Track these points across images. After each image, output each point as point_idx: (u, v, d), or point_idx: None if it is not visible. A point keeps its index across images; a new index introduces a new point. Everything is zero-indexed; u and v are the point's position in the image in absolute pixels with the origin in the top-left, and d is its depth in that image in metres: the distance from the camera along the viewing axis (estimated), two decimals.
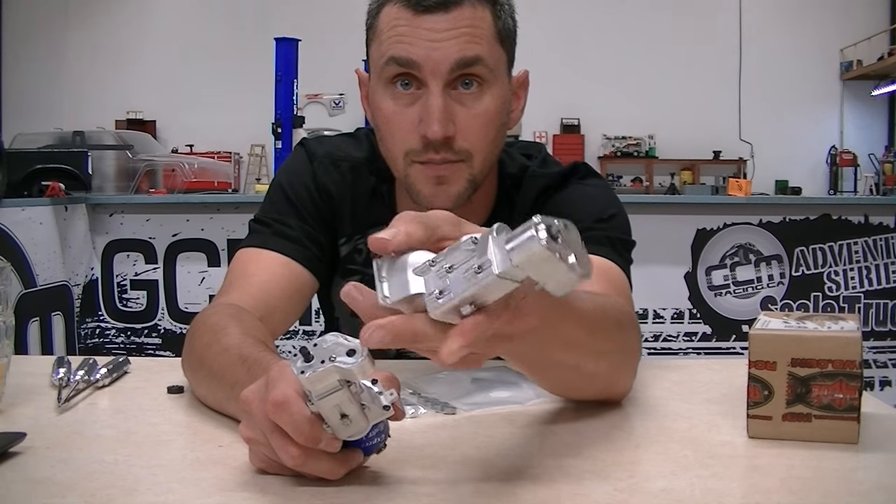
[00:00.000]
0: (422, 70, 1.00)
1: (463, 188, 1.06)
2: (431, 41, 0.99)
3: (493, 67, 1.03)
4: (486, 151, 1.05)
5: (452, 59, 0.99)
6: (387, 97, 1.04)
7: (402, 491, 0.66)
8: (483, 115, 1.03)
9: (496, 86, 1.04)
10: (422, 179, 1.05)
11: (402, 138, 1.04)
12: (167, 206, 3.97)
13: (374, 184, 1.19)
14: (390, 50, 1.01)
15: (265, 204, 1.19)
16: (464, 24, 1.00)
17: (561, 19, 10.03)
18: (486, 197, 1.16)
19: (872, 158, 9.95)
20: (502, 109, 1.06)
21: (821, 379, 0.75)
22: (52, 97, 10.28)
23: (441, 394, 0.92)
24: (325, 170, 1.19)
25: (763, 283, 3.74)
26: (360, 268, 1.21)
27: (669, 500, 0.64)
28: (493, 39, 1.03)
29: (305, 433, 0.62)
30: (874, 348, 3.70)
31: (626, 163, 10.34)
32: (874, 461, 0.74)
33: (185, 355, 0.97)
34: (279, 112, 4.88)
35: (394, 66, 1.02)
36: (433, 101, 1.00)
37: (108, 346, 3.86)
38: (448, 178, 1.04)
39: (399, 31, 1.01)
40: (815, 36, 10.16)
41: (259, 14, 9.94)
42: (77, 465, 0.72)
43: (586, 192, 1.16)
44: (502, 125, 1.08)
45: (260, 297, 1.05)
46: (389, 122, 1.05)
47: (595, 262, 1.03)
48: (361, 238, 1.20)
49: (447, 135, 1.01)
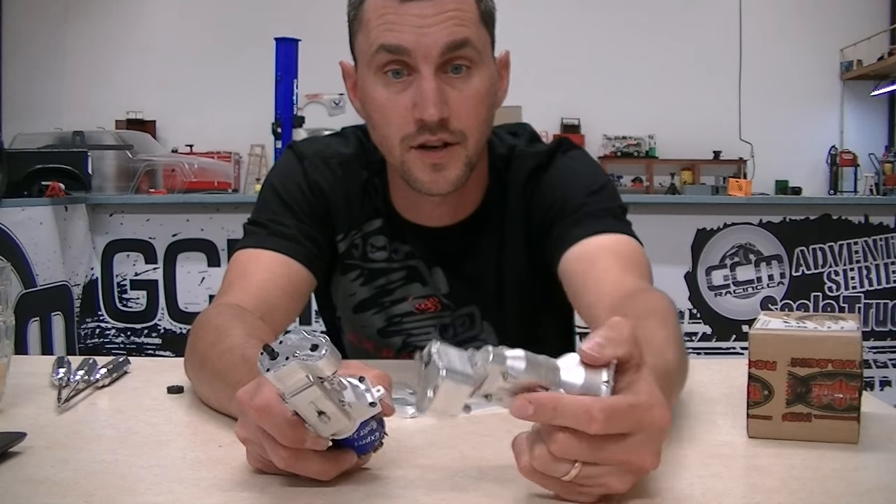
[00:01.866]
0: (412, 56, 1.01)
1: (461, 172, 1.07)
2: (420, 27, 1.00)
3: (480, 49, 1.05)
4: (479, 131, 1.07)
5: (442, 42, 1.01)
6: (378, 86, 1.05)
7: (402, 491, 0.66)
8: (474, 96, 1.05)
9: (483, 67, 1.06)
10: (419, 166, 1.06)
11: (397, 125, 1.05)
12: (167, 206, 3.97)
13: (366, 178, 1.20)
14: (380, 38, 1.02)
15: (259, 206, 1.19)
16: (450, 9, 1.01)
17: (561, 19, 10.03)
18: (478, 180, 1.17)
19: (872, 158, 9.95)
20: (491, 90, 1.08)
21: (821, 379, 0.75)
22: (52, 97, 10.27)
23: None
24: (316, 168, 1.20)
25: (763, 283, 3.74)
26: (359, 262, 1.21)
27: (669, 500, 0.64)
28: (478, 22, 1.05)
29: (288, 435, 0.63)
30: (874, 348, 3.70)
31: (626, 163, 10.33)
32: (874, 461, 0.74)
33: (187, 355, 0.97)
34: (279, 112, 4.88)
35: (384, 54, 1.02)
36: (426, 85, 1.01)
37: (108, 346, 3.86)
38: (445, 164, 1.05)
39: (387, 20, 1.02)
40: (815, 36, 10.15)
41: (259, 14, 9.93)
42: (77, 465, 0.72)
43: (572, 166, 1.19)
44: (491, 105, 1.09)
45: (260, 297, 1.05)
46: (383, 110, 1.05)
47: (608, 243, 1.08)
48: (358, 233, 1.21)
49: (442, 116, 1.02)
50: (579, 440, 0.59)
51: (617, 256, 1.06)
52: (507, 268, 1.21)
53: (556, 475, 0.60)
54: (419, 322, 1.23)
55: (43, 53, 10.45)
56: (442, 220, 1.18)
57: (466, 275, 1.21)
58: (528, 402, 0.59)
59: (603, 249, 1.07)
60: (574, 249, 1.09)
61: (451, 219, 1.18)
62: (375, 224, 1.20)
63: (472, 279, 1.21)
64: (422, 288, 1.21)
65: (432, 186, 1.07)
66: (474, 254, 1.20)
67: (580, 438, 0.59)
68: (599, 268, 1.05)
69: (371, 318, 1.24)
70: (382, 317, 1.23)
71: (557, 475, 0.60)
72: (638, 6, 10.15)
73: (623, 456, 0.60)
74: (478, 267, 1.20)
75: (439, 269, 1.20)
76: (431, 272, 1.21)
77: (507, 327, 1.23)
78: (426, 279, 1.21)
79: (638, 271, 1.05)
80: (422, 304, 1.22)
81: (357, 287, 1.23)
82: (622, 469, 0.60)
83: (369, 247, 1.21)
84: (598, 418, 0.58)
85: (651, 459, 0.61)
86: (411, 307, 1.22)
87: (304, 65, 5.07)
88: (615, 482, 0.60)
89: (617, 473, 0.60)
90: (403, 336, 1.24)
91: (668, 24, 10.11)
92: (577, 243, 1.09)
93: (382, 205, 1.20)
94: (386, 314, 1.23)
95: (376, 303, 1.23)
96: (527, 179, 1.18)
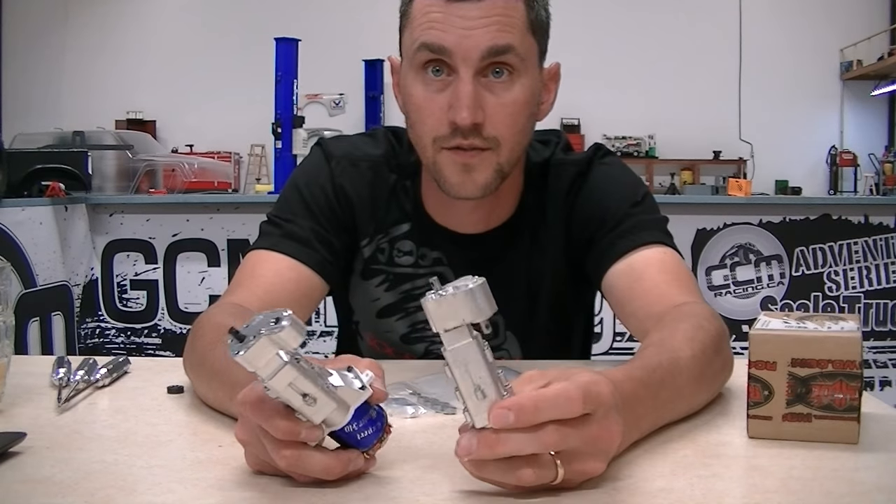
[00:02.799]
0: (453, 57, 1.00)
1: (490, 177, 1.05)
2: (463, 28, 0.99)
3: (524, 57, 1.03)
4: (514, 141, 1.05)
5: (483, 46, 0.99)
6: (418, 83, 1.04)
7: (402, 491, 0.66)
8: (512, 104, 1.03)
9: (526, 76, 1.04)
10: (449, 166, 1.05)
11: (431, 124, 1.04)
12: (167, 206, 3.97)
13: (395, 181, 1.19)
14: (422, 36, 1.01)
15: (279, 202, 1.18)
16: (496, 13, 1.00)
17: (561, 19, 9.96)
18: (513, 187, 1.16)
19: (872, 158, 9.94)
20: (532, 100, 1.06)
21: (821, 379, 0.75)
22: (52, 97, 10.26)
23: (441, 394, 0.92)
24: (344, 170, 1.18)
25: (763, 283, 3.74)
26: (384, 267, 1.20)
27: (669, 500, 0.64)
28: (525, 29, 1.03)
29: (282, 427, 0.62)
30: (874, 348, 3.70)
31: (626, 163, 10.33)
32: (874, 461, 0.74)
33: (186, 353, 0.97)
34: (279, 112, 4.88)
35: (425, 52, 1.02)
36: (463, 88, 1.00)
37: (108, 346, 3.86)
38: (475, 167, 1.04)
39: (431, 18, 1.01)
40: (815, 36, 10.15)
41: (259, 14, 9.93)
42: (77, 465, 0.72)
43: (611, 174, 1.19)
44: (531, 115, 1.08)
45: (265, 299, 1.04)
46: (420, 108, 1.05)
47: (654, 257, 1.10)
48: (384, 237, 1.19)
49: (476, 121, 1.01)
50: (568, 427, 0.61)
51: (663, 271, 1.07)
52: (542, 277, 1.19)
53: (547, 481, 0.62)
54: None
55: (43, 53, 10.44)
56: (475, 227, 1.17)
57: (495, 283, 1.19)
58: (505, 410, 0.60)
59: (649, 265, 1.08)
60: (620, 264, 1.09)
61: (484, 226, 1.17)
62: (403, 228, 1.19)
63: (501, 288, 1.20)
64: None
65: (461, 189, 1.05)
66: (505, 262, 1.18)
67: (567, 426, 0.61)
68: (646, 283, 1.06)
69: (394, 323, 1.22)
70: (406, 323, 1.22)
71: (548, 481, 0.62)
72: (638, 6, 10.15)
73: (597, 432, 0.62)
74: (507, 276, 1.17)
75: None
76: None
77: (533, 336, 1.21)
78: None
79: (685, 285, 1.06)
80: None
81: (381, 292, 1.21)
82: (597, 448, 0.63)
83: (396, 251, 1.19)
84: (576, 397, 0.61)
85: (617, 431, 0.65)
86: None
87: (304, 65, 5.07)
88: (595, 464, 0.64)
89: (594, 454, 0.63)
90: (426, 343, 1.22)
91: (668, 24, 10.11)
92: (623, 257, 1.09)
93: (412, 208, 1.18)
94: (410, 320, 1.21)
95: (400, 308, 1.21)
96: (569, 188, 1.17)
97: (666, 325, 0.92)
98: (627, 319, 1.09)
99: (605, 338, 3.64)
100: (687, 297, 1.02)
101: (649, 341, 0.89)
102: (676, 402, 0.81)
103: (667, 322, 0.93)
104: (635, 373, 0.75)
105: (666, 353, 0.83)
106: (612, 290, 1.10)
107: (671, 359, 0.82)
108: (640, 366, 0.78)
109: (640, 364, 0.79)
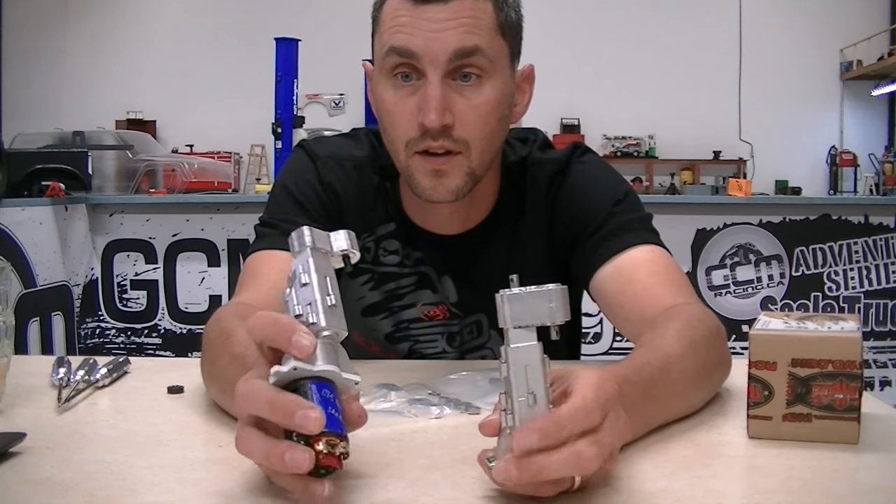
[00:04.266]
0: (420, 60, 1.00)
1: (462, 182, 1.05)
2: (430, 31, 0.99)
3: (493, 59, 1.02)
4: (485, 143, 1.05)
5: (451, 48, 0.99)
6: (388, 88, 1.04)
7: (402, 491, 0.66)
8: (482, 106, 1.02)
9: (496, 78, 1.04)
10: (421, 171, 1.05)
11: (402, 128, 1.04)
12: (167, 206, 3.97)
13: (378, 182, 1.19)
14: (390, 40, 1.01)
15: (270, 206, 1.18)
16: (464, 15, 1.00)
17: (561, 19, 10.02)
18: (489, 188, 1.16)
19: (872, 158, 9.95)
20: (503, 102, 1.06)
21: (821, 379, 0.75)
22: (52, 97, 10.27)
23: (460, 394, 0.92)
24: (330, 169, 1.18)
25: (763, 283, 3.74)
26: (370, 266, 1.20)
27: (669, 500, 0.64)
28: (494, 31, 1.03)
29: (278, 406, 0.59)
30: (874, 348, 3.70)
31: (626, 163, 10.32)
32: (874, 461, 0.74)
33: (201, 362, 0.95)
34: (279, 112, 4.88)
35: (394, 57, 1.02)
36: (431, 91, 1.00)
37: (108, 346, 3.86)
38: (447, 172, 1.04)
39: (399, 22, 1.01)
40: (815, 36, 10.16)
41: (259, 14, 9.94)
42: (77, 465, 0.72)
43: (591, 173, 1.18)
44: (503, 118, 1.07)
45: (271, 295, 1.04)
46: (391, 112, 1.05)
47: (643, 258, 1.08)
48: (370, 236, 1.19)
49: (444, 123, 1.00)
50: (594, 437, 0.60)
51: (653, 272, 1.06)
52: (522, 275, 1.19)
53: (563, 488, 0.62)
54: (427, 329, 1.22)
55: (43, 53, 10.45)
56: (452, 228, 1.17)
57: (475, 283, 1.19)
58: (530, 432, 0.59)
59: (638, 267, 1.07)
60: (607, 267, 1.08)
61: (461, 227, 1.17)
62: (389, 228, 1.19)
63: (481, 287, 1.20)
64: (432, 295, 1.20)
65: (432, 193, 1.05)
66: (484, 262, 1.18)
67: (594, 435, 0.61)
68: (636, 287, 1.05)
69: (379, 322, 1.23)
70: (390, 322, 1.22)
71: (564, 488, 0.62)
72: (638, 6, 10.15)
73: (610, 438, 0.62)
74: (487, 275, 1.16)
75: (448, 277, 1.19)
76: (441, 280, 1.19)
77: None
78: (436, 286, 1.20)
79: (676, 285, 1.05)
80: (431, 310, 1.21)
81: (366, 291, 1.22)
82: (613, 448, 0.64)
83: (381, 251, 1.20)
84: (594, 407, 0.61)
85: (626, 429, 0.67)
86: (420, 313, 1.21)
87: (304, 65, 5.07)
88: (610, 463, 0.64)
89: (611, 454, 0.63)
90: (411, 342, 1.23)
91: (668, 24, 10.11)
92: (610, 260, 1.08)
93: (395, 210, 1.19)
94: (394, 319, 1.22)
95: (385, 307, 1.22)
96: (548, 186, 1.17)
97: (657, 326, 0.92)
98: (621, 324, 1.09)
99: (605, 338, 3.65)
100: (679, 297, 1.02)
101: (640, 343, 0.89)
102: (669, 399, 0.81)
103: (658, 323, 0.93)
104: (623, 370, 0.75)
105: (654, 351, 0.83)
106: (602, 294, 1.10)
107: (660, 357, 0.82)
108: (628, 364, 0.78)
109: (628, 363, 0.79)
